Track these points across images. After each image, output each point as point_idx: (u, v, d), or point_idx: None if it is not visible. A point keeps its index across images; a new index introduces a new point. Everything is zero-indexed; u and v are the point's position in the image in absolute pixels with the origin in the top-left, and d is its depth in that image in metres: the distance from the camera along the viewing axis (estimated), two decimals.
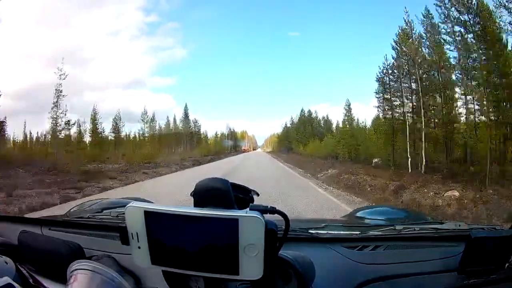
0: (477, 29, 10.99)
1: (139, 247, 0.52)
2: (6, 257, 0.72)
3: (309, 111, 23.68)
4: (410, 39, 13.35)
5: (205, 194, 0.55)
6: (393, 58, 14.09)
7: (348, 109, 19.23)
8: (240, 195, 0.59)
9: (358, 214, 1.56)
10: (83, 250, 0.77)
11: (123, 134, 21.08)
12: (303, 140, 23.04)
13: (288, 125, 25.88)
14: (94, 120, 19.42)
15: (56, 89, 15.28)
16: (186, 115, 24.11)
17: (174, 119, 23.88)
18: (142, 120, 21.01)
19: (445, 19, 12.04)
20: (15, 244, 0.83)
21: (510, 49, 10.53)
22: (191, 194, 0.57)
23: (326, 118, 23.10)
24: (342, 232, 1.09)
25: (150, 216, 0.50)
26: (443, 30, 12.24)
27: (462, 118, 12.12)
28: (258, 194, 0.63)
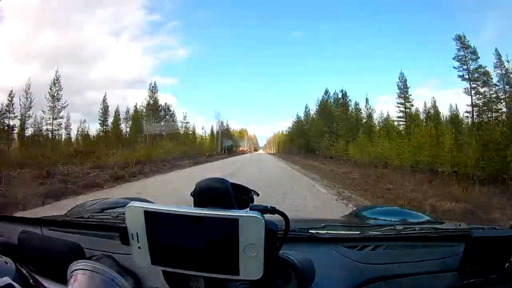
0: None
1: (139, 247, 0.52)
2: (6, 257, 0.72)
3: (342, 90, 15.89)
4: None
5: (205, 194, 0.55)
6: None
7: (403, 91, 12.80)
8: (240, 195, 0.59)
9: (358, 214, 1.56)
10: (83, 250, 0.77)
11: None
12: (343, 134, 14.96)
13: (302, 117, 18.94)
14: None
15: None
16: (154, 98, 16.82)
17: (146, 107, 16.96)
18: (53, 96, 13.25)
19: None
20: (15, 244, 0.82)
21: None
22: (191, 194, 0.57)
23: (367, 105, 15.26)
24: (342, 232, 1.09)
25: (150, 216, 0.50)
26: None
27: None
28: (258, 194, 0.63)
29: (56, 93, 14.10)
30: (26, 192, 6.45)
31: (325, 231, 0.99)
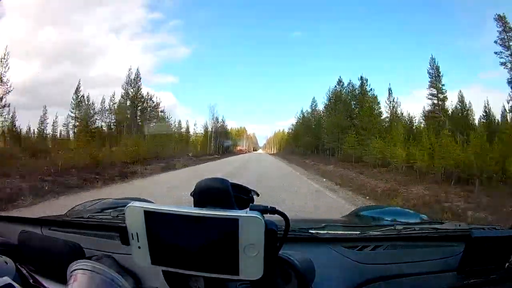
0: None
1: (139, 247, 0.52)
2: (6, 257, 0.72)
3: (361, 77, 13.22)
4: None
5: (205, 194, 0.55)
6: None
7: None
8: (240, 195, 0.59)
9: (358, 214, 1.56)
10: (83, 250, 0.77)
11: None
12: (370, 130, 11.54)
13: (308, 112, 16.30)
14: None
15: None
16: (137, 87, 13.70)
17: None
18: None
19: None
20: (15, 244, 0.83)
21: None
22: (191, 194, 0.57)
23: (390, 97, 12.44)
24: (342, 232, 1.09)
25: (150, 216, 0.50)
26: None
27: None
28: (258, 194, 0.63)
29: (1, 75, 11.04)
30: None
31: (325, 231, 0.99)
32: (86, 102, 14.66)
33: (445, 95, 11.60)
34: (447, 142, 9.81)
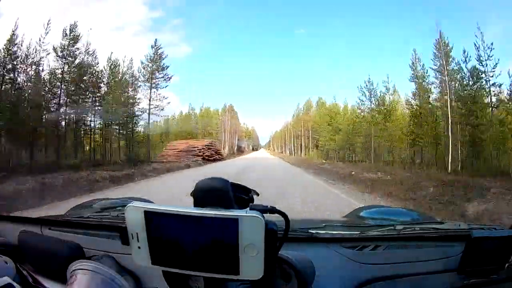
0: None
1: (139, 247, 0.52)
2: (6, 257, 0.72)
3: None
4: None
5: (205, 193, 0.55)
6: None
7: None
8: (240, 195, 0.59)
9: (358, 213, 1.56)
10: (83, 250, 0.77)
11: None
12: None
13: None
14: None
15: None
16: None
17: None
18: None
19: None
20: (15, 244, 0.83)
21: None
22: (191, 194, 0.57)
23: None
24: (342, 232, 1.09)
25: (150, 216, 0.50)
26: None
27: None
28: (258, 194, 0.63)
29: None
30: None
31: (325, 231, 0.99)
32: None
33: None
34: None
